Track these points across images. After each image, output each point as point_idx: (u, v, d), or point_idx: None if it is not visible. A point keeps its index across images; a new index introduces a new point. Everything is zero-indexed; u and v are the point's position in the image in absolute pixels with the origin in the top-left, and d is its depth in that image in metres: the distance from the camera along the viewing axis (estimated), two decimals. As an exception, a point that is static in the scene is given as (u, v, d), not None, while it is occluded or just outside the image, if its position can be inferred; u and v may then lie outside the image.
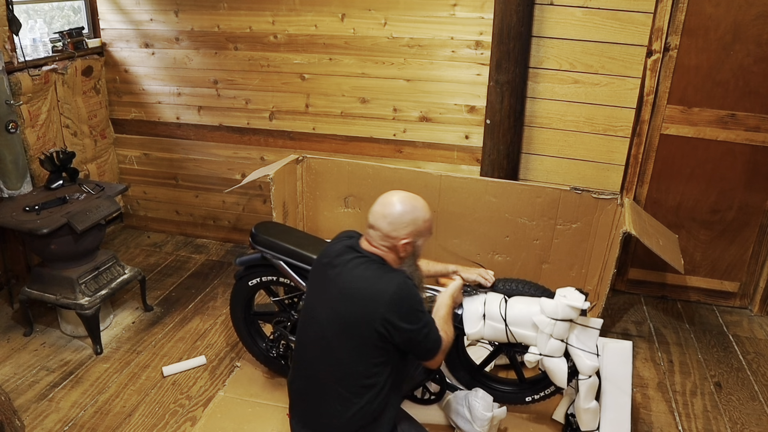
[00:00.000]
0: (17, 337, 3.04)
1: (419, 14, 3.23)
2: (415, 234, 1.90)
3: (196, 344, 3.03)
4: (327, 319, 1.89)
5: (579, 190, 3.10)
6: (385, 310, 1.79)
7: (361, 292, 1.83)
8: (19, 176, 3.07)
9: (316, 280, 2.02)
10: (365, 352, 1.84)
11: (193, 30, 3.61)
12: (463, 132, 3.40)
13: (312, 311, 1.98)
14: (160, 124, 3.91)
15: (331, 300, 1.89)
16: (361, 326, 1.82)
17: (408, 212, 1.88)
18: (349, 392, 1.88)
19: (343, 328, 1.85)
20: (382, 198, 1.93)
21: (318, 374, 1.93)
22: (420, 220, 1.90)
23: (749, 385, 2.86)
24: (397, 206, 1.88)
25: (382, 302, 1.79)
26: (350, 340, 1.85)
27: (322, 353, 1.91)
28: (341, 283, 1.88)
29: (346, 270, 1.89)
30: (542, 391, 2.47)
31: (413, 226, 1.88)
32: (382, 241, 1.90)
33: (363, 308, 1.82)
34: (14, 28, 3.06)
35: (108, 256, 3.10)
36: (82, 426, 2.48)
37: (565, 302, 2.17)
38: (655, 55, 3.04)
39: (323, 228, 3.56)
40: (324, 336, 1.89)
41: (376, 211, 1.91)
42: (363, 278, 1.86)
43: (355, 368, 1.86)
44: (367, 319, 1.81)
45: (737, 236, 3.35)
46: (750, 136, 3.13)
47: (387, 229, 1.87)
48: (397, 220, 1.87)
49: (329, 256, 1.97)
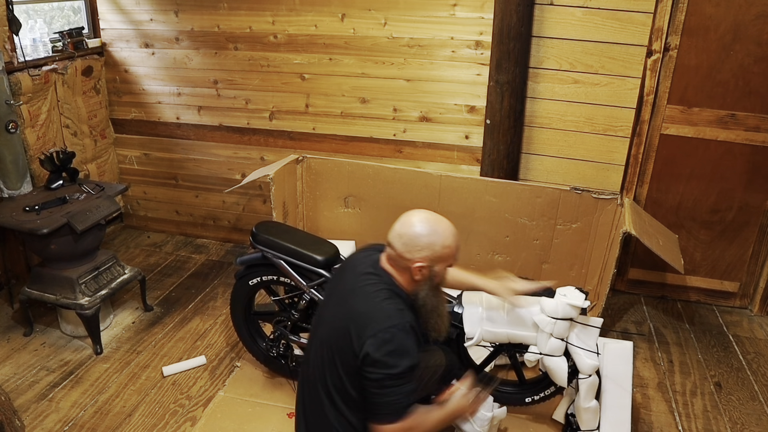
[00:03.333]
0: (17, 337, 3.04)
1: (419, 14, 3.23)
2: (431, 259, 1.78)
3: (196, 344, 3.03)
4: (329, 324, 1.88)
5: (579, 190, 3.10)
6: (362, 344, 1.71)
7: (359, 313, 1.77)
8: (19, 176, 3.07)
9: (335, 281, 2.00)
10: (349, 370, 1.79)
11: (193, 30, 3.61)
12: (463, 132, 3.40)
13: (323, 310, 1.97)
14: (160, 124, 3.91)
15: (336, 305, 1.88)
16: (348, 345, 1.76)
17: (425, 235, 1.76)
18: (333, 402, 1.85)
19: (337, 338, 1.82)
20: (405, 215, 1.83)
21: (315, 372, 1.92)
22: (438, 245, 1.77)
23: (749, 385, 2.86)
24: (415, 227, 1.77)
25: (364, 334, 1.72)
26: (339, 353, 1.81)
27: (320, 354, 1.90)
28: (349, 294, 1.84)
29: (357, 283, 1.84)
30: (542, 392, 2.47)
31: (429, 251, 1.76)
32: (396, 261, 1.81)
33: (355, 330, 1.75)
34: (14, 28, 3.06)
35: (108, 256, 3.10)
36: (82, 426, 2.48)
37: (566, 301, 2.18)
38: (655, 55, 3.04)
39: (323, 228, 3.56)
40: (324, 339, 1.89)
41: (395, 228, 1.82)
42: (365, 301, 1.78)
43: (340, 381, 1.82)
44: (353, 342, 1.74)
45: (737, 236, 3.35)
46: (750, 136, 3.13)
47: (401, 249, 1.78)
48: (412, 241, 1.77)
49: (355, 262, 1.94)
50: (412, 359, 1.73)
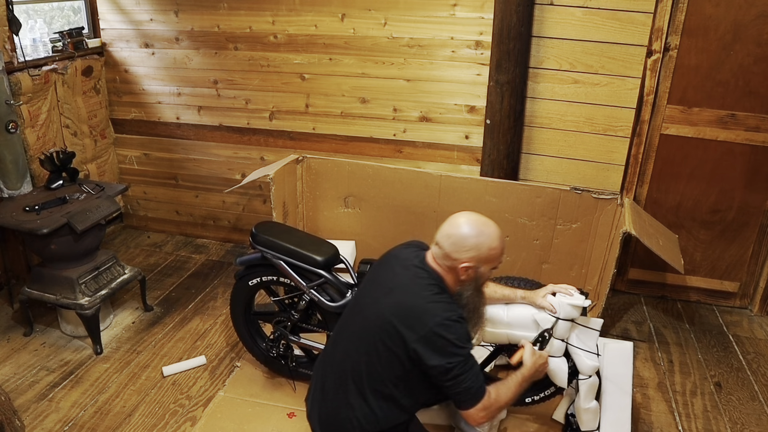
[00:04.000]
0: (17, 337, 3.04)
1: (419, 14, 3.23)
2: (478, 260, 1.84)
3: (196, 344, 3.03)
4: (371, 316, 1.89)
5: (579, 190, 3.10)
6: (418, 338, 1.77)
7: (409, 308, 1.81)
8: (19, 176, 3.07)
9: (376, 273, 2.01)
10: (390, 362, 1.83)
11: (193, 30, 3.61)
12: (463, 132, 3.40)
13: (361, 301, 1.99)
14: (160, 124, 3.91)
15: (381, 298, 1.89)
16: (395, 339, 1.81)
17: (473, 236, 1.83)
18: (361, 392, 1.88)
19: (379, 330, 1.84)
20: (452, 217, 1.89)
21: (346, 362, 1.93)
22: (485, 246, 1.84)
23: (749, 385, 2.86)
24: (463, 228, 1.84)
25: (420, 329, 1.77)
26: (381, 344, 1.84)
27: (355, 344, 1.91)
28: (396, 287, 1.87)
29: (407, 276, 1.88)
30: (542, 392, 2.47)
31: (476, 252, 1.83)
32: (443, 260, 1.87)
33: (403, 324, 1.80)
34: (14, 28, 3.06)
35: (108, 256, 3.10)
36: (82, 426, 2.48)
37: (566, 301, 2.18)
38: (655, 55, 3.04)
39: (323, 228, 3.56)
40: (363, 330, 1.90)
41: (443, 228, 1.88)
42: (416, 294, 1.83)
43: (376, 372, 1.86)
44: (403, 336, 1.79)
45: (737, 236, 3.35)
46: (750, 136, 3.13)
47: (449, 249, 1.84)
48: (460, 241, 1.83)
49: (400, 256, 1.97)
50: (470, 344, 1.82)
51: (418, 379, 1.87)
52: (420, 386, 1.90)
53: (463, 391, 1.81)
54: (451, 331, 1.77)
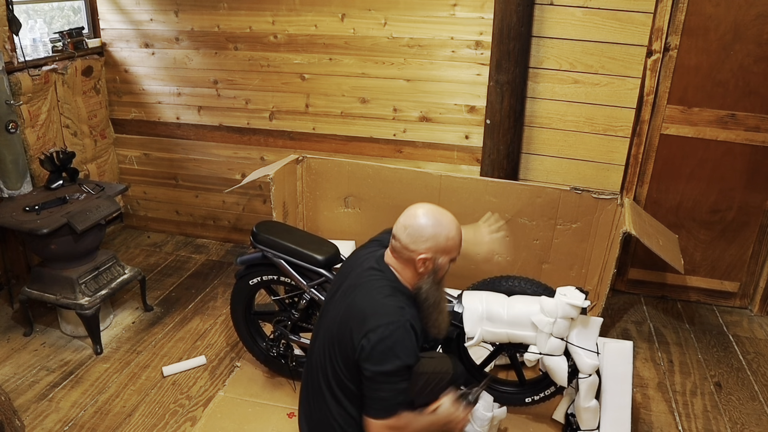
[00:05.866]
0: (17, 337, 3.04)
1: (419, 14, 3.23)
2: (435, 250, 1.79)
3: (196, 344, 3.03)
4: (331, 317, 1.89)
5: (579, 190, 3.10)
6: (361, 337, 1.72)
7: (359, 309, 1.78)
8: (19, 176, 3.07)
9: (340, 276, 2.00)
10: (347, 363, 1.80)
11: (193, 30, 3.61)
12: (463, 132, 3.40)
13: (327, 304, 1.98)
14: (160, 124, 3.91)
15: (339, 300, 1.89)
16: (347, 339, 1.78)
17: (430, 226, 1.78)
18: (333, 394, 1.87)
19: (337, 332, 1.83)
20: (409, 208, 1.84)
21: (317, 365, 1.93)
22: (442, 236, 1.78)
23: (749, 385, 2.86)
24: (420, 218, 1.79)
25: (364, 328, 1.73)
26: (338, 345, 1.82)
27: (322, 347, 1.91)
28: (350, 289, 1.86)
29: (361, 278, 1.85)
30: (542, 392, 2.47)
31: (433, 242, 1.78)
32: (400, 253, 1.82)
33: (352, 324, 1.77)
34: (14, 28, 3.06)
35: (108, 256, 3.10)
36: (82, 426, 2.48)
37: (566, 300, 2.18)
38: (655, 55, 3.04)
39: (323, 228, 3.56)
40: (326, 332, 1.89)
41: (400, 220, 1.82)
42: (367, 296, 1.80)
43: (339, 373, 1.83)
44: (352, 336, 1.76)
45: (737, 236, 3.35)
46: (750, 136, 3.13)
47: (406, 240, 1.79)
48: (417, 232, 1.78)
49: (360, 256, 1.96)
50: (409, 358, 1.73)
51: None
52: None
53: (377, 399, 1.75)
54: (391, 336, 1.70)
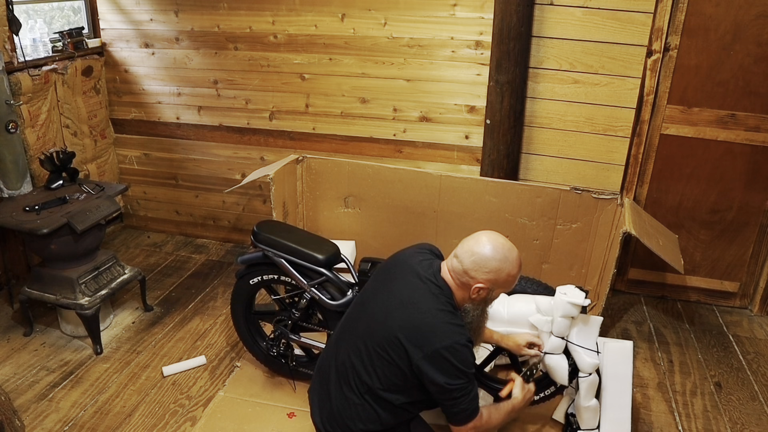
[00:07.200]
0: (17, 337, 3.04)
1: (419, 14, 3.23)
2: (494, 283, 1.83)
3: (196, 344, 3.03)
4: (377, 324, 1.88)
5: (579, 190, 3.10)
6: (424, 356, 1.77)
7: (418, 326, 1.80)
8: (19, 176, 3.06)
9: (386, 275, 1.98)
10: (392, 371, 1.84)
11: (193, 30, 3.61)
12: (463, 132, 3.40)
13: (368, 304, 1.97)
14: (160, 124, 3.91)
15: (392, 309, 1.87)
16: (399, 352, 1.81)
17: (496, 260, 1.80)
18: (361, 392, 1.90)
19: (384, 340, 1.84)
20: (477, 234, 1.87)
21: (345, 362, 1.94)
22: (504, 272, 1.82)
23: (749, 385, 2.86)
24: (487, 248, 1.81)
25: (427, 348, 1.77)
26: (385, 353, 1.84)
27: (357, 347, 1.91)
28: (409, 302, 1.85)
29: (421, 291, 1.85)
30: (542, 392, 2.47)
31: (495, 275, 1.81)
32: (459, 276, 1.85)
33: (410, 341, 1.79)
34: (14, 28, 3.06)
35: (108, 256, 3.09)
36: (82, 426, 2.48)
37: (566, 299, 2.19)
38: (655, 55, 3.04)
39: (323, 228, 3.56)
40: (366, 335, 1.90)
41: (467, 244, 1.85)
42: (428, 314, 1.81)
43: (375, 376, 1.87)
44: (408, 352, 1.79)
45: (737, 236, 3.35)
46: (750, 136, 3.14)
47: (468, 266, 1.82)
48: (482, 261, 1.80)
49: (413, 263, 1.94)
50: (471, 369, 1.84)
51: (417, 390, 1.88)
52: (418, 394, 1.91)
53: (459, 411, 1.84)
54: (457, 356, 1.77)
